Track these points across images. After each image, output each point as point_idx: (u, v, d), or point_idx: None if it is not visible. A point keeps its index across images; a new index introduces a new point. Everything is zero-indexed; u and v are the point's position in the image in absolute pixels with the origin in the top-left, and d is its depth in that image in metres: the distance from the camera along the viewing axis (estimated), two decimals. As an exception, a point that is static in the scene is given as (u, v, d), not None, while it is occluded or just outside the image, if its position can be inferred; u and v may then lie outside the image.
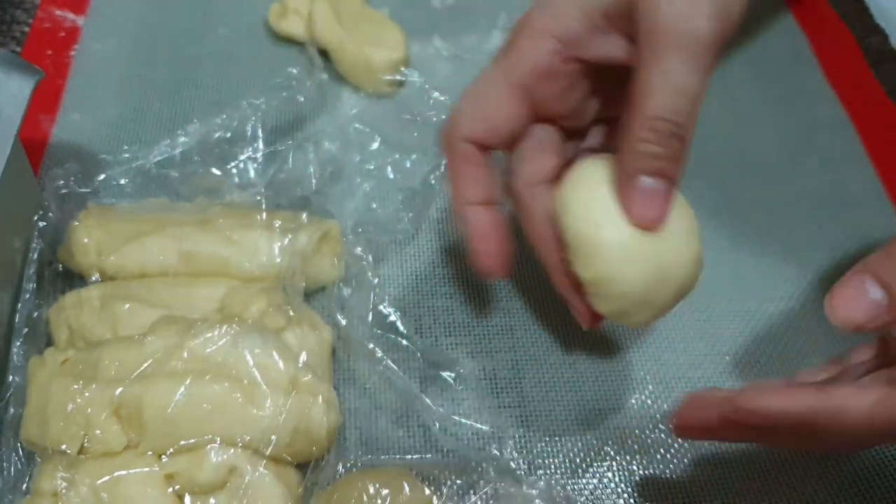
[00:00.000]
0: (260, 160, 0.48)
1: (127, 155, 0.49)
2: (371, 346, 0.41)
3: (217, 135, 0.48)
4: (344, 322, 0.42)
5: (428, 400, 0.40)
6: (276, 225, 0.42)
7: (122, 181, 0.48)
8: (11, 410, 0.37)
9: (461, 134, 0.37)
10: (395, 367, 0.41)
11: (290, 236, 0.42)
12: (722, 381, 0.44)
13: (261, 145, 0.48)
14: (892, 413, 0.30)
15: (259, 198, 0.45)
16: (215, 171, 0.46)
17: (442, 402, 0.41)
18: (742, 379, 0.44)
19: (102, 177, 0.47)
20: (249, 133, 0.48)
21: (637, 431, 0.42)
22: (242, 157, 0.48)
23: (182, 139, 0.48)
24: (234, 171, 0.47)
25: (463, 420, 0.41)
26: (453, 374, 0.42)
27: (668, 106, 0.31)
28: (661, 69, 0.31)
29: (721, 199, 0.52)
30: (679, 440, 0.42)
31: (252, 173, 0.47)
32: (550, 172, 0.38)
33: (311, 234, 0.43)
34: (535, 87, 0.36)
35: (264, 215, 0.43)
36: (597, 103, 0.39)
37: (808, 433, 0.32)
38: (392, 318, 0.43)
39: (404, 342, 0.42)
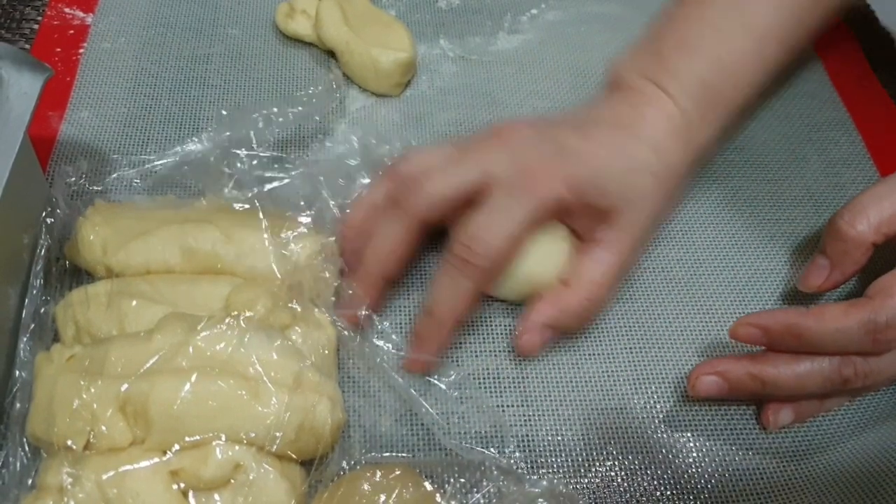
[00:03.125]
0: (266, 162, 0.48)
1: (135, 154, 0.49)
2: (367, 349, 0.42)
3: (226, 138, 0.48)
4: (344, 325, 0.42)
5: (426, 404, 0.41)
6: (279, 225, 0.43)
7: (131, 179, 0.48)
8: (18, 406, 0.37)
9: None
10: (393, 374, 0.41)
11: (293, 235, 0.42)
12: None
13: (268, 148, 0.48)
14: (863, 308, 0.38)
15: (264, 199, 0.45)
16: (225, 170, 0.47)
17: (445, 400, 0.42)
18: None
19: (114, 176, 0.48)
20: (256, 137, 0.48)
21: (640, 431, 0.42)
22: (249, 159, 0.48)
23: (192, 146, 0.49)
24: (241, 168, 0.47)
25: (465, 419, 0.41)
26: (451, 379, 0.42)
27: None
28: None
29: (723, 199, 0.52)
30: (681, 440, 0.42)
31: (258, 174, 0.47)
32: None
33: (314, 237, 0.43)
34: None
35: (264, 217, 0.43)
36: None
37: (797, 340, 0.39)
38: (394, 320, 0.43)
39: (399, 352, 0.43)
